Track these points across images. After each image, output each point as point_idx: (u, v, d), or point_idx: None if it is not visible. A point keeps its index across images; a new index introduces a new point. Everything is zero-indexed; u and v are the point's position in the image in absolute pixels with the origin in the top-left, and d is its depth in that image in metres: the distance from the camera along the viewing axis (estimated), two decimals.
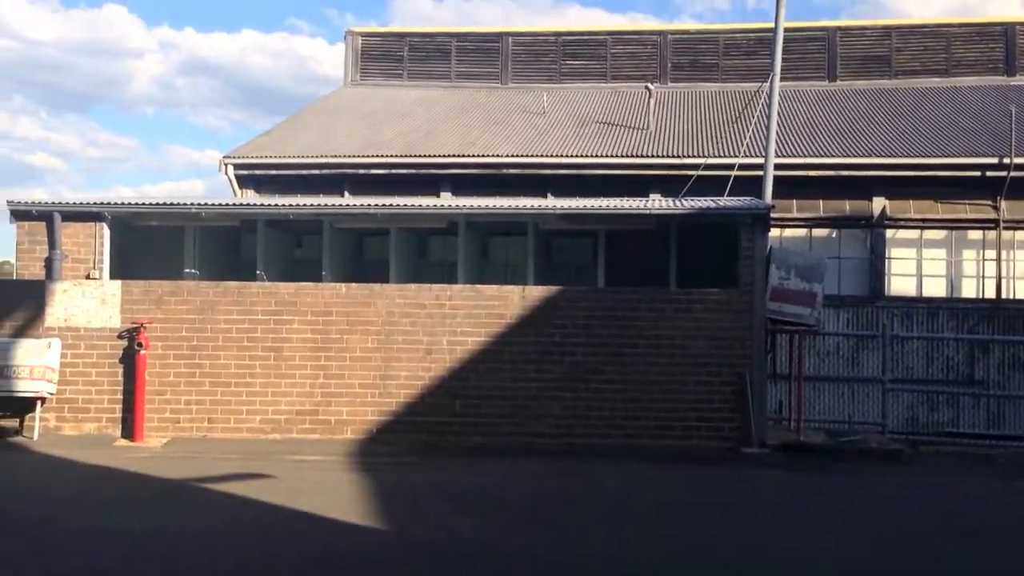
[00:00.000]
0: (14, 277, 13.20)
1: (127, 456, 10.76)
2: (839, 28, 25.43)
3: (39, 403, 11.77)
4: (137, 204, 13.21)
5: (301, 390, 12.16)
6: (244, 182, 20.38)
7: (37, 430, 11.73)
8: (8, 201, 12.76)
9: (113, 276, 12.71)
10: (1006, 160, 18.62)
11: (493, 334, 12.24)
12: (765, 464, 11.06)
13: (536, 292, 12.42)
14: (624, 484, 9.87)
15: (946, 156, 19.20)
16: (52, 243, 12.63)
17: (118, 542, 6.99)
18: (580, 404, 12.07)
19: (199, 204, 13.15)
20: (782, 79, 16.84)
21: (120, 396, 12.03)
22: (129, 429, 11.84)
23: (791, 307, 12.32)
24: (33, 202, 12.88)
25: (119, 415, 12.01)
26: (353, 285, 12.54)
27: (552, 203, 15.21)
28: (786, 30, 16.72)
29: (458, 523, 7.84)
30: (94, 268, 12.68)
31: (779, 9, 15.91)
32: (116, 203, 13.09)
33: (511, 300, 12.31)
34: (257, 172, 20.44)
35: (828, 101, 23.64)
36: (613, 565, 6.67)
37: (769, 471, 10.73)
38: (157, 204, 13.27)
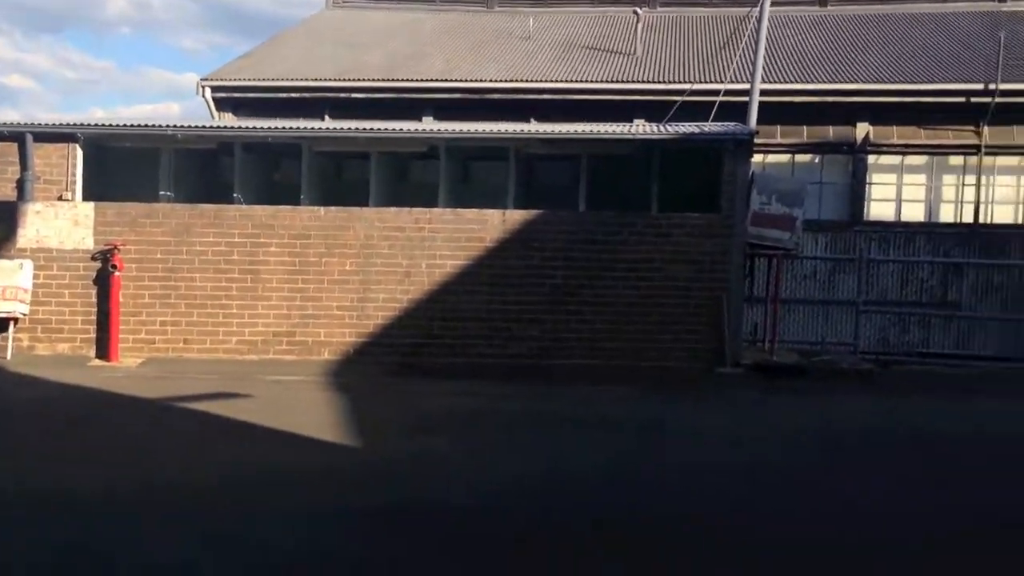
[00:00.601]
0: None
1: (101, 376, 10.75)
2: None
3: (12, 324, 11.71)
4: (111, 126, 12.98)
5: (278, 312, 12.12)
6: (222, 105, 20.06)
7: (11, 350, 11.69)
8: None
9: (87, 198, 12.53)
10: (992, 86, 18.46)
11: (473, 257, 12.18)
12: (735, 384, 11.17)
13: (517, 216, 12.33)
14: (593, 405, 9.91)
15: (932, 82, 19.05)
16: (24, 164, 12.42)
17: (88, 456, 7.00)
18: (559, 326, 12.09)
19: (175, 126, 12.93)
20: (773, 4, 16.59)
21: (94, 317, 11.97)
22: (104, 349, 11.81)
23: (771, 231, 12.30)
24: (4, 123, 12.64)
25: (93, 336, 11.97)
26: (332, 208, 12.42)
27: (534, 128, 15.05)
28: None
29: (426, 442, 7.87)
30: (67, 190, 12.51)
31: None
32: (90, 124, 12.85)
33: (491, 223, 12.23)
34: (236, 95, 20.12)
35: (818, 27, 23.30)
36: (563, 482, 6.73)
37: (737, 390, 10.84)
38: (132, 126, 13.04)
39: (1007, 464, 7.56)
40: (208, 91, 19.87)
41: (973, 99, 18.77)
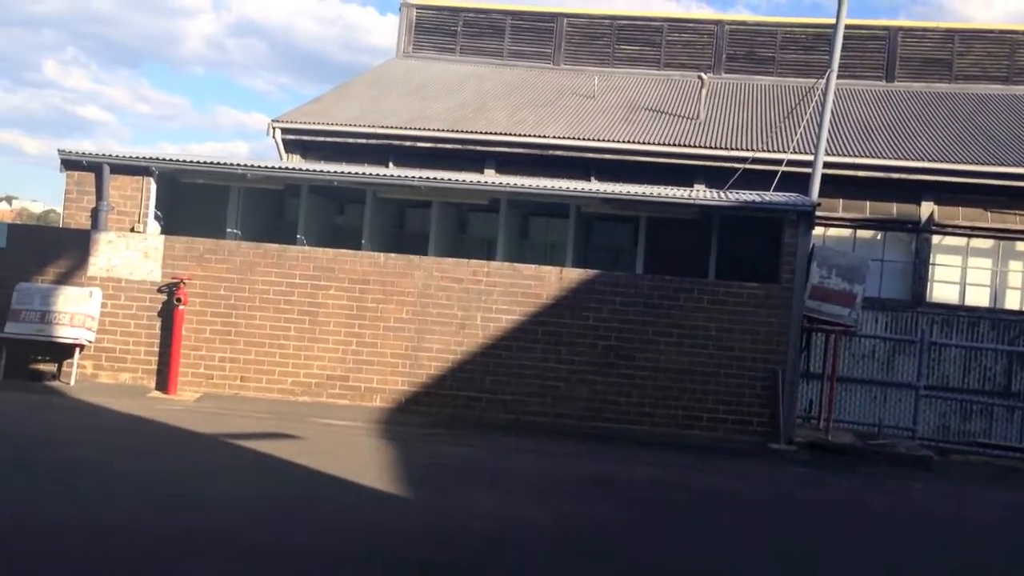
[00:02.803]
0: (60, 225, 13.41)
1: (160, 407, 10.94)
2: (900, 28, 24.98)
3: (77, 350, 11.98)
4: (185, 161, 13.35)
5: (333, 355, 12.26)
6: (291, 147, 20.52)
7: (74, 376, 11.95)
8: (59, 150, 12.97)
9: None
10: None
11: (528, 313, 12.24)
12: (790, 461, 11.00)
13: (574, 274, 12.39)
14: (645, 471, 9.85)
15: (1000, 164, 18.83)
16: (99, 194, 12.82)
17: (144, 489, 7.11)
18: (610, 389, 12.06)
19: (245, 165, 13.27)
20: (839, 77, 16.58)
21: (156, 348, 12.21)
22: (163, 381, 12.03)
23: (830, 306, 12.20)
24: (84, 153, 13.09)
25: (154, 367, 12.20)
26: (391, 255, 12.59)
27: (595, 187, 15.14)
28: (846, 27, 16.46)
29: (477, 497, 7.88)
30: (139, 221, 12.86)
31: (841, 5, 15.68)
32: (164, 159, 13.25)
33: (548, 280, 12.30)
34: (304, 138, 20.57)
35: (884, 102, 23.25)
36: (618, 542, 6.67)
37: (792, 468, 10.67)
38: (204, 163, 13.40)
39: None
40: (278, 133, 20.34)
41: None
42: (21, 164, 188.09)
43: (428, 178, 13.52)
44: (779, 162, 16.98)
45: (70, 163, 12.92)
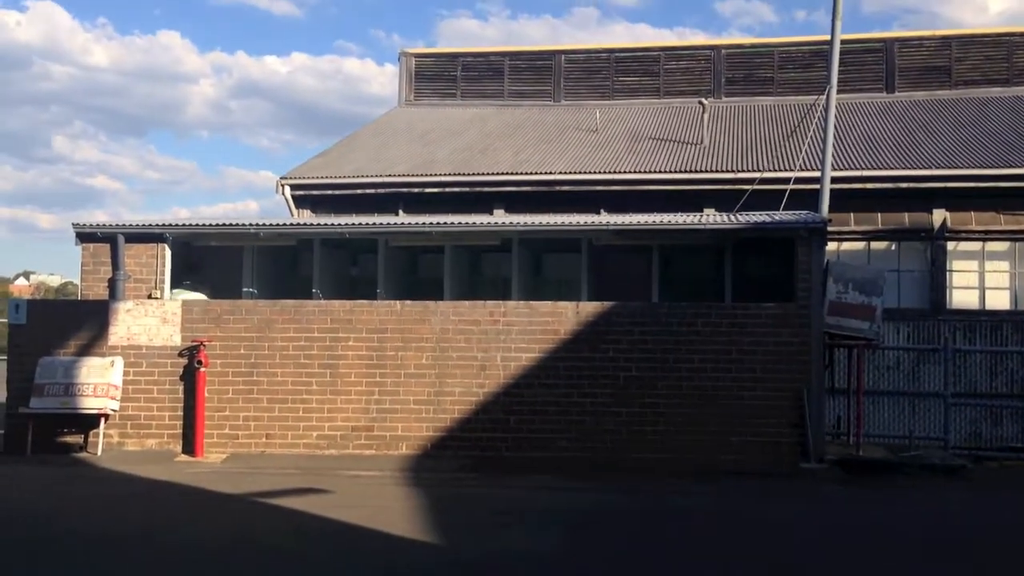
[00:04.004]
0: (79, 297, 13.54)
1: (188, 471, 10.95)
2: (897, 39, 25.03)
3: (103, 420, 12.05)
4: (197, 225, 13.50)
5: (357, 406, 12.27)
6: (300, 202, 20.67)
7: (101, 446, 12.00)
8: (73, 224, 13.13)
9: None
10: None
11: (547, 350, 12.23)
12: (823, 479, 10.87)
13: (590, 308, 12.40)
14: (681, 501, 9.77)
15: (1009, 167, 18.74)
16: (115, 264, 12.95)
17: (181, 557, 7.10)
18: (635, 419, 12.00)
19: (257, 224, 13.40)
20: (839, 91, 16.64)
21: (180, 412, 12.26)
22: (190, 445, 12.06)
23: (849, 321, 12.14)
24: (97, 224, 13.25)
25: (180, 431, 12.24)
26: (408, 302, 12.63)
27: (605, 219, 15.19)
28: (843, 42, 16.52)
29: (510, 539, 7.82)
30: (155, 288, 12.97)
31: (835, 21, 15.75)
32: (177, 224, 13.39)
33: (565, 316, 12.31)
34: (313, 192, 20.73)
35: (886, 113, 23.26)
36: None
37: (827, 486, 10.55)
38: (216, 225, 13.55)
39: None
40: (287, 189, 20.50)
41: None
42: (36, 239, 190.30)
43: (439, 223, 13.60)
44: (786, 181, 16.99)
45: (85, 235, 13.07)
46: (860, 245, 19.30)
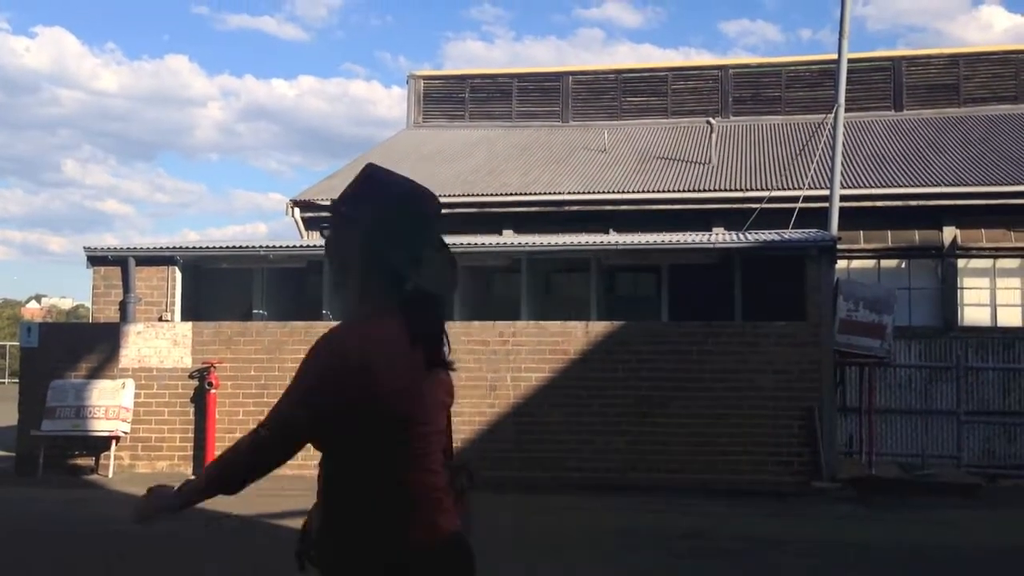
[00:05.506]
0: (90, 320, 13.61)
1: None
2: (904, 57, 25.09)
3: (114, 442, 12.07)
4: (207, 248, 13.57)
5: None
6: (310, 224, 20.73)
7: (112, 468, 12.02)
8: (85, 248, 13.23)
9: (184, 318, 13.03)
10: None
11: (557, 370, 12.22)
12: (838, 498, 10.80)
13: (600, 327, 12.38)
14: (692, 521, 9.71)
15: (1018, 184, 18.71)
16: (126, 287, 13.03)
17: None
18: (645, 439, 11.96)
19: (267, 247, 13.47)
20: (847, 110, 16.68)
21: (191, 434, 12.28)
22: (200, 467, 12.06)
23: (860, 339, 12.10)
24: (108, 248, 13.34)
25: (191, 452, 12.25)
26: None
27: (614, 239, 15.21)
28: (850, 61, 16.57)
29: (526, 561, 7.78)
30: (166, 310, 13.03)
31: (842, 40, 15.83)
32: (187, 247, 13.48)
33: (575, 336, 12.30)
34: (322, 214, 20.79)
35: (895, 131, 23.28)
36: None
37: (842, 505, 10.47)
38: (226, 247, 13.62)
39: None
40: (297, 211, 20.60)
41: None
42: (47, 262, 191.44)
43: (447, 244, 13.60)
44: (795, 199, 17.00)
45: (96, 259, 13.16)
46: (870, 263, 19.27)
